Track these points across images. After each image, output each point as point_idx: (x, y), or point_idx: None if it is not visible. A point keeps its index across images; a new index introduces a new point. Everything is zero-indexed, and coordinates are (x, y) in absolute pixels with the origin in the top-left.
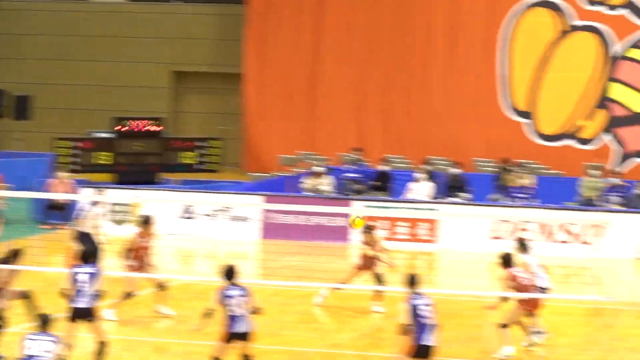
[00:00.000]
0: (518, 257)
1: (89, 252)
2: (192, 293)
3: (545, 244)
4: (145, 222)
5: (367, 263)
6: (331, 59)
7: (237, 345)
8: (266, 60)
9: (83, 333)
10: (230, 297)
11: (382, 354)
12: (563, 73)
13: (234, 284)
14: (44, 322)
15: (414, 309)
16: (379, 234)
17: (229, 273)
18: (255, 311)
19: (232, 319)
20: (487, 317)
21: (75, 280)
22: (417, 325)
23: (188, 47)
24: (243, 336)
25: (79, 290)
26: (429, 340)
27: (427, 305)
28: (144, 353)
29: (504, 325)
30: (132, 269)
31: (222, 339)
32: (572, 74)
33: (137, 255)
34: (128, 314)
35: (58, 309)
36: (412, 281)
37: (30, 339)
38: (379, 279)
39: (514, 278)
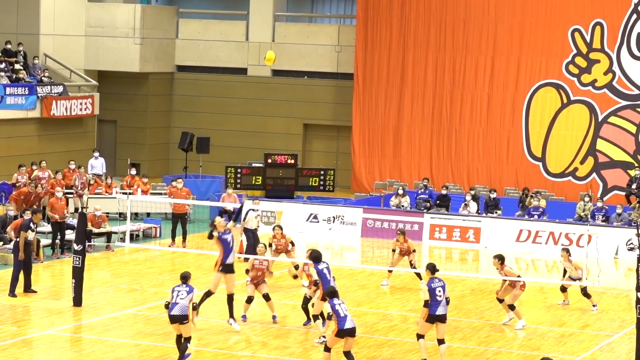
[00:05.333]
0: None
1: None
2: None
3: (552, 246)
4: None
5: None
6: (409, 119)
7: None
8: (366, 117)
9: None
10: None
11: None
12: (565, 131)
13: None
14: (185, 278)
15: (432, 290)
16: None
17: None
18: None
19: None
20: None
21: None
22: (433, 300)
23: (314, 107)
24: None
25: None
26: (440, 311)
27: (440, 287)
28: None
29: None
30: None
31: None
32: (571, 132)
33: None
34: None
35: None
36: (432, 269)
37: (174, 290)
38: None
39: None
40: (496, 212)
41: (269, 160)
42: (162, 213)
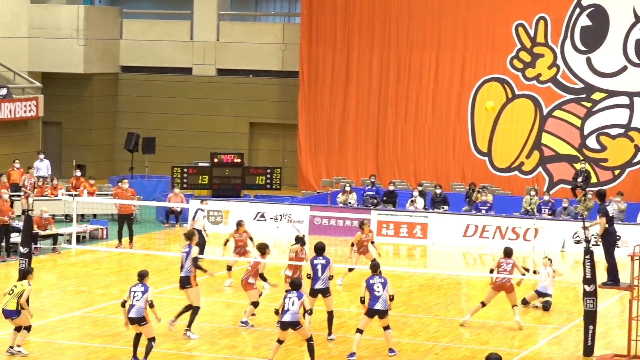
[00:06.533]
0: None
1: (200, 244)
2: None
3: (499, 240)
4: (239, 224)
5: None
6: (355, 116)
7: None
8: (312, 115)
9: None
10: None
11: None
12: (510, 126)
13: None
14: (141, 276)
15: (370, 286)
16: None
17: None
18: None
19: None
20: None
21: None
22: (371, 295)
23: (260, 105)
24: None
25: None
26: (379, 306)
27: (380, 283)
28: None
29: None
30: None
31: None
32: (516, 126)
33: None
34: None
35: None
36: (373, 268)
37: (131, 290)
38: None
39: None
40: (443, 208)
41: (215, 160)
42: (109, 214)
